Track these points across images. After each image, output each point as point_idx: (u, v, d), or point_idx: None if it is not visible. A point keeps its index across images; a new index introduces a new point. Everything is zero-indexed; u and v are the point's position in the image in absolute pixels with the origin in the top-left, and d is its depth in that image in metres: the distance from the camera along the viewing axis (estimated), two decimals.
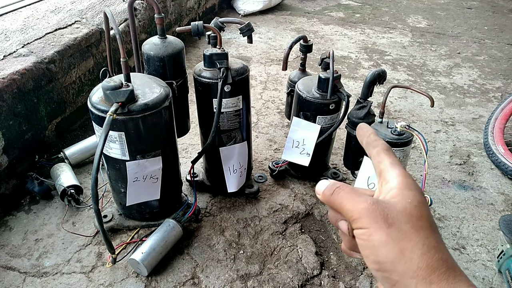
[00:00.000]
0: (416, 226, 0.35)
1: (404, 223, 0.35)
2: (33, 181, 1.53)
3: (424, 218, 0.36)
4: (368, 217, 0.36)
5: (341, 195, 0.39)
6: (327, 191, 0.41)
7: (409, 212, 0.36)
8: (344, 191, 0.40)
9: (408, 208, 0.36)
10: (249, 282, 1.27)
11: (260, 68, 2.71)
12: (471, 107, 2.34)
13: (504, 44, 3.26)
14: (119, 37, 1.09)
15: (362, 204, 0.37)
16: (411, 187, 0.38)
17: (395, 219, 0.36)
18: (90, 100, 1.16)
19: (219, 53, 1.30)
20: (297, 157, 1.55)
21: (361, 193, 0.39)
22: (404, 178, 0.39)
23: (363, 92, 1.47)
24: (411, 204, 0.37)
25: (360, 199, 0.38)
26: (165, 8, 2.69)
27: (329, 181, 0.42)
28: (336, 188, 0.40)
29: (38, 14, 2.02)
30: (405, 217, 0.36)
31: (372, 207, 0.36)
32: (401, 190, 0.38)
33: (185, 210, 1.44)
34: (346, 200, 0.39)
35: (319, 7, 4.01)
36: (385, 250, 0.35)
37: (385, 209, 0.36)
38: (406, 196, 0.37)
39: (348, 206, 0.38)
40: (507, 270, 1.27)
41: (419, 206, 0.37)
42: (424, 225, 0.36)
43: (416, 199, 0.37)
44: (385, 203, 0.37)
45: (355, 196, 0.38)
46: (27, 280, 1.26)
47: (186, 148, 1.89)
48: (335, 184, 0.41)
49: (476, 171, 1.82)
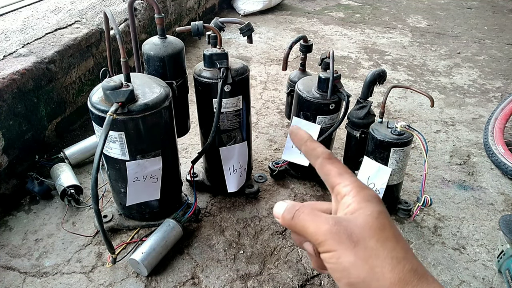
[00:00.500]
0: (380, 239, 0.35)
1: (369, 239, 0.35)
2: (33, 181, 1.53)
3: (387, 229, 0.35)
4: (333, 239, 0.35)
5: (302, 218, 0.38)
6: (287, 215, 0.39)
7: (371, 226, 0.35)
8: (305, 213, 0.38)
9: (369, 221, 0.36)
10: (249, 282, 1.28)
11: (260, 68, 2.71)
12: (471, 107, 2.34)
13: (504, 44, 3.26)
14: (119, 37, 1.09)
15: (324, 226, 0.36)
16: (368, 198, 0.37)
17: (359, 236, 0.35)
18: (90, 100, 1.16)
19: (219, 53, 1.30)
20: (297, 157, 1.55)
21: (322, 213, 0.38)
22: (358, 188, 0.38)
23: (363, 92, 1.47)
24: (371, 217, 0.36)
25: (321, 220, 0.37)
26: (165, 8, 2.69)
27: (286, 203, 0.40)
28: (296, 212, 0.39)
29: (38, 14, 2.02)
30: (368, 232, 0.35)
31: (334, 228, 0.35)
32: (359, 203, 0.37)
33: (185, 210, 1.44)
34: (308, 222, 0.37)
35: (319, 7, 4.01)
36: (356, 270, 0.34)
37: (347, 228, 0.35)
38: (365, 208, 0.36)
39: (311, 229, 0.37)
40: (507, 270, 1.27)
41: (380, 217, 0.36)
42: (388, 236, 0.35)
43: (375, 210, 0.36)
44: (347, 221, 0.36)
45: (317, 218, 0.37)
46: (27, 280, 1.26)
47: (186, 148, 1.89)
48: (294, 206, 0.39)
49: (476, 171, 1.82)
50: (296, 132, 0.43)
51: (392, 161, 1.39)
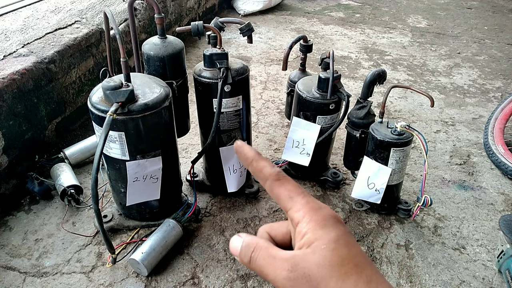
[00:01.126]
0: (341, 276, 0.32)
1: (329, 279, 0.32)
2: (33, 181, 1.53)
3: (346, 261, 0.33)
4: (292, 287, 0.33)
5: (259, 263, 0.36)
6: (243, 258, 0.37)
7: (329, 263, 0.33)
8: (260, 256, 0.36)
9: (326, 256, 0.33)
10: (249, 282, 1.28)
11: (260, 68, 2.71)
12: (471, 107, 2.34)
13: (504, 44, 3.26)
14: (119, 37, 1.09)
15: (282, 273, 0.34)
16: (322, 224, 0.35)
17: (318, 278, 0.33)
18: (90, 100, 1.16)
19: (219, 53, 1.30)
20: (297, 157, 1.55)
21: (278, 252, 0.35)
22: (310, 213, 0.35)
23: (363, 92, 1.47)
24: (327, 250, 0.33)
25: (278, 264, 0.34)
26: (165, 8, 2.69)
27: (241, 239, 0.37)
28: (252, 254, 0.36)
29: (38, 14, 2.02)
30: (327, 271, 0.33)
31: (292, 275, 0.33)
32: (314, 231, 0.34)
33: (185, 210, 1.44)
34: (266, 269, 0.35)
35: (319, 7, 4.01)
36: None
37: (305, 271, 0.33)
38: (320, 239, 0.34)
39: (269, 276, 0.35)
40: (507, 270, 1.27)
41: (336, 248, 0.33)
42: (347, 271, 0.33)
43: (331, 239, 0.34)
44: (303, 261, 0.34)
45: (272, 261, 0.35)
46: (27, 280, 1.26)
47: (186, 148, 1.89)
48: (249, 246, 0.36)
49: (476, 171, 1.82)
50: (240, 150, 0.40)
51: (392, 161, 1.39)
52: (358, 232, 1.48)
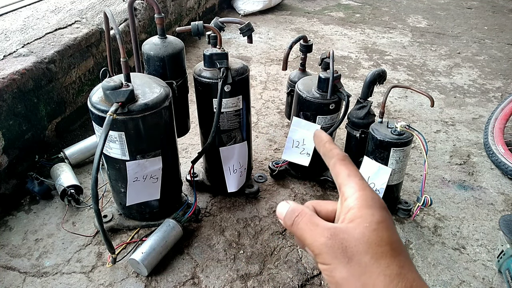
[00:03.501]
0: (376, 255, 0.34)
1: (363, 254, 0.34)
2: (33, 181, 1.53)
3: (384, 242, 0.35)
4: (327, 253, 0.35)
5: (301, 227, 0.38)
6: (287, 220, 0.40)
7: (367, 240, 0.35)
8: (303, 221, 0.38)
9: (366, 234, 0.35)
10: (249, 282, 1.28)
11: (260, 68, 2.71)
12: (471, 107, 2.34)
13: (504, 44, 3.26)
14: (119, 37, 1.09)
15: (320, 239, 0.36)
16: (370, 204, 0.37)
17: (354, 251, 0.34)
18: (90, 100, 1.16)
19: (219, 53, 1.30)
20: (297, 157, 1.55)
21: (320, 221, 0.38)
22: (362, 192, 0.38)
23: (363, 92, 1.47)
24: (369, 229, 0.35)
25: (318, 231, 0.37)
26: (165, 8, 2.69)
27: (288, 204, 0.40)
28: (295, 218, 0.39)
29: (38, 14, 2.02)
30: (364, 247, 0.34)
31: (330, 242, 0.35)
32: (360, 209, 0.36)
33: (185, 210, 1.44)
34: (305, 233, 0.38)
35: (319, 7, 4.01)
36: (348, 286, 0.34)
37: (343, 241, 0.35)
38: (364, 217, 0.36)
39: (307, 240, 0.37)
40: (507, 270, 1.27)
41: (378, 228, 0.35)
42: (384, 252, 0.34)
43: (374, 220, 0.35)
44: (343, 233, 0.36)
45: (314, 228, 0.37)
46: (27, 280, 1.26)
47: (186, 148, 1.89)
48: (294, 211, 0.39)
49: (476, 171, 1.82)
50: (318, 134, 0.45)
51: (392, 161, 1.39)
52: None
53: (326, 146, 0.43)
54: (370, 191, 0.38)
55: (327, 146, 0.43)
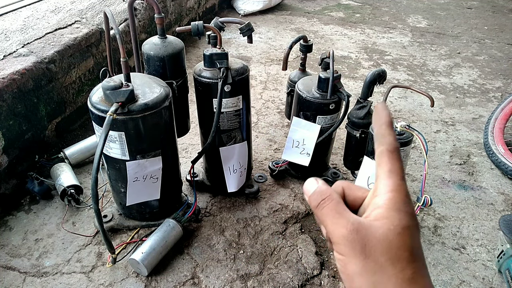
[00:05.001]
0: (393, 257, 0.34)
1: (381, 254, 0.34)
2: (33, 181, 1.53)
3: (404, 248, 0.34)
4: (346, 246, 0.35)
5: (324, 212, 0.38)
6: (312, 201, 0.39)
7: (389, 242, 0.34)
8: (328, 207, 0.38)
9: (389, 236, 0.35)
10: (249, 282, 1.28)
11: (260, 68, 2.71)
12: (471, 107, 2.34)
13: (504, 44, 3.26)
14: (119, 37, 1.09)
15: (342, 230, 0.36)
16: (400, 207, 0.36)
17: (372, 249, 0.34)
18: (90, 100, 1.16)
19: (219, 53, 1.30)
20: (297, 157, 1.55)
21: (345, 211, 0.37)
22: (395, 194, 0.36)
23: (363, 92, 1.47)
24: (393, 232, 0.35)
25: (341, 222, 0.36)
26: (165, 8, 2.69)
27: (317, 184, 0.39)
28: (322, 201, 0.38)
29: (38, 14, 2.02)
30: (383, 247, 0.34)
31: (351, 236, 0.35)
32: (388, 211, 0.36)
33: (185, 210, 1.44)
34: (328, 219, 0.37)
35: (319, 7, 4.01)
36: (359, 280, 0.35)
37: (364, 238, 0.35)
38: (391, 219, 0.35)
39: (329, 227, 0.37)
40: (507, 270, 1.27)
41: (403, 233, 0.35)
42: (402, 256, 0.34)
43: (401, 224, 0.35)
44: (366, 230, 0.35)
45: (337, 217, 0.37)
46: (27, 280, 1.26)
47: (186, 148, 1.89)
48: (322, 194, 0.38)
49: (476, 171, 1.82)
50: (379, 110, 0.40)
51: None
52: None
53: (382, 128, 0.39)
54: (404, 194, 0.37)
55: (384, 129, 0.39)
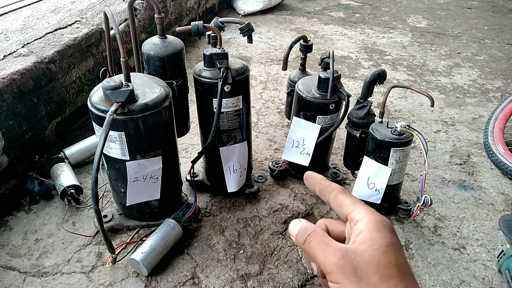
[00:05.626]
0: (384, 276, 0.36)
1: (372, 275, 0.36)
2: (33, 181, 1.53)
3: (392, 265, 0.37)
4: (338, 273, 0.37)
5: (312, 246, 0.40)
6: (299, 238, 0.41)
7: (377, 262, 0.37)
8: (315, 240, 0.40)
9: (375, 256, 0.37)
10: (249, 282, 1.28)
11: (260, 68, 2.71)
12: (471, 107, 2.34)
13: (504, 44, 3.26)
14: (119, 37, 1.09)
15: (332, 258, 0.38)
16: (379, 227, 0.39)
17: (364, 271, 0.36)
18: (90, 100, 1.17)
19: (219, 53, 1.30)
20: (297, 157, 1.55)
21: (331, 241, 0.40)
22: (371, 216, 0.40)
23: (363, 92, 1.47)
24: (378, 252, 0.37)
25: (330, 251, 0.38)
26: (165, 8, 2.69)
27: (301, 224, 0.42)
28: (308, 237, 0.41)
29: (38, 14, 2.02)
30: (373, 268, 0.36)
31: (341, 262, 0.37)
32: (370, 232, 0.39)
33: (185, 210, 1.44)
34: (317, 251, 0.39)
35: (319, 7, 4.01)
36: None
37: (354, 262, 0.37)
38: (374, 240, 0.38)
39: (319, 258, 0.39)
40: (507, 270, 1.27)
41: (387, 251, 0.37)
42: (392, 274, 0.36)
43: (383, 243, 0.38)
44: (354, 254, 0.38)
45: (325, 247, 0.39)
46: (27, 280, 1.26)
47: (186, 148, 1.89)
48: (306, 230, 0.41)
49: (476, 171, 1.82)
50: (310, 175, 0.47)
51: (392, 161, 1.39)
52: None
53: (322, 183, 0.46)
54: (379, 215, 0.40)
55: (323, 183, 0.46)
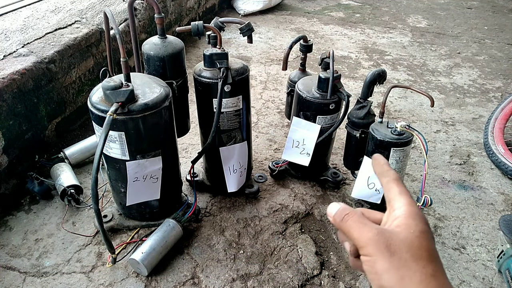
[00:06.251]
0: (415, 255, 0.39)
1: (405, 252, 0.39)
2: (33, 181, 1.53)
3: (423, 248, 0.40)
4: (372, 246, 0.40)
5: (349, 224, 0.43)
6: (337, 217, 0.45)
7: (410, 242, 0.40)
8: (352, 219, 0.44)
9: (409, 238, 0.40)
10: (249, 282, 1.28)
11: (260, 68, 2.71)
12: (471, 107, 2.34)
13: (504, 44, 3.26)
14: (119, 37, 1.09)
15: (368, 234, 0.41)
16: (415, 217, 0.42)
17: (397, 248, 0.39)
18: (90, 100, 1.17)
19: (219, 53, 1.30)
20: (297, 157, 1.55)
21: (368, 221, 0.43)
22: (409, 207, 0.43)
23: (363, 92, 1.47)
24: (413, 234, 0.40)
25: (366, 228, 0.42)
26: (165, 8, 2.69)
27: (339, 205, 0.46)
28: (345, 216, 0.44)
29: (38, 14, 2.02)
30: (406, 247, 0.39)
31: (376, 237, 0.40)
32: (406, 219, 0.42)
33: (185, 210, 1.44)
34: (353, 229, 0.43)
35: (319, 7, 4.01)
36: (387, 276, 0.39)
37: (388, 239, 0.40)
38: (409, 225, 0.41)
39: (355, 234, 0.42)
40: (507, 270, 1.27)
41: (420, 236, 0.40)
42: (423, 255, 0.39)
43: (418, 229, 0.41)
44: (389, 233, 0.41)
45: (362, 225, 0.42)
46: (27, 280, 1.26)
47: (186, 148, 1.89)
48: (345, 210, 0.45)
49: (476, 171, 1.82)
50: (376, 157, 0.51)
51: (392, 161, 1.39)
52: None
53: (383, 167, 0.49)
54: (417, 208, 0.43)
55: (384, 167, 0.49)
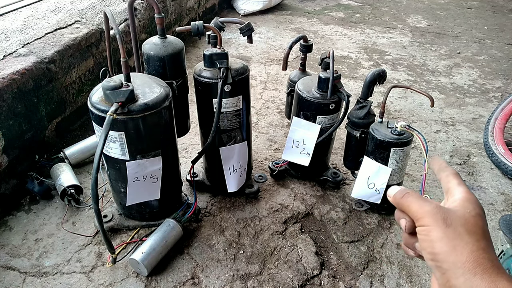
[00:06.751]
0: (469, 230, 0.42)
1: (460, 226, 0.42)
2: (33, 181, 1.53)
3: (478, 227, 0.43)
4: (430, 217, 0.44)
5: (410, 199, 0.47)
6: (398, 195, 0.49)
7: (466, 219, 0.43)
8: (413, 196, 0.48)
9: (465, 215, 0.44)
10: (249, 282, 1.28)
11: (260, 68, 2.71)
12: (471, 107, 2.34)
13: (504, 44, 3.26)
14: (119, 37, 1.09)
15: (427, 207, 0.45)
16: (472, 202, 0.46)
17: (453, 221, 0.43)
18: (90, 100, 1.17)
19: (219, 53, 1.30)
20: (297, 157, 1.55)
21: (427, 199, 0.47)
22: (467, 194, 0.47)
23: (363, 92, 1.47)
24: (469, 214, 0.44)
25: (426, 203, 0.46)
26: (165, 8, 2.69)
27: (400, 187, 0.50)
28: (406, 193, 0.48)
29: (38, 14, 2.02)
30: (461, 221, 0.43)
31: (435, 210, 0.44)
32: (463, 201, 0.46)
33: (185, 210, 1.44)
34: (413, 203, 0.47)
35: (319, 7, 4.01)
36: (441, 244, 0.42)
37: (445, 213, 0.44)
38: (466, 207, 0.45)
39: (414, 207, 0.46)
40: (507, 270, 1.27)
41: (476, 217, 0.44)
42: (476, 231, 0.42)
43: (474, 211, 0.44)
44: (447, 209, 0.45)
45: (421, 200, 0.46)
46: (27, 280, 1.26)
47: (186, 148, 1.89)
48: (406, 190, 0.49)
49: (476, 171, 1.82)
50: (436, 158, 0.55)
51: (392, 161, 1.39)
52: (358, 232, 1.48)
53: (442, 164, 0.53)
54: (474, 196, 0.47)
55: (443, 164, 0.53)
